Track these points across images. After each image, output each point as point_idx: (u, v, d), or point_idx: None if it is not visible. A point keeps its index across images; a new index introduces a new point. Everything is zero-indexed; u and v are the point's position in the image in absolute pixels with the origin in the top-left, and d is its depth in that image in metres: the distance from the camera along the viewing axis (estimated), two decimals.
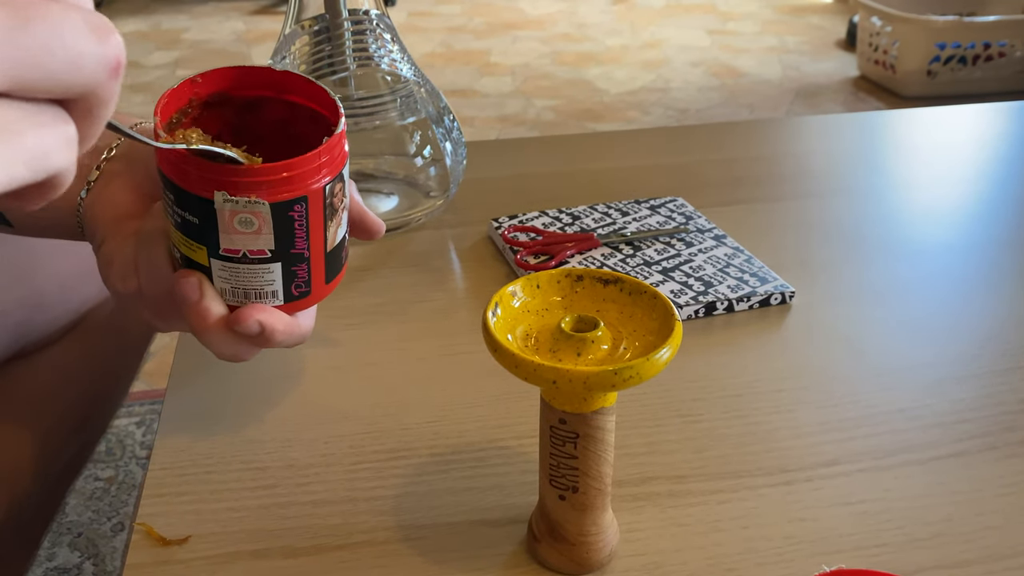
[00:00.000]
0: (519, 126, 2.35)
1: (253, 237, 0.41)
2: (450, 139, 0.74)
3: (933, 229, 0.77)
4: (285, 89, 0.45)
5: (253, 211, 0.40)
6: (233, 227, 0.41)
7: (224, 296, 0.44)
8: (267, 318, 0.44)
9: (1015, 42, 2.47)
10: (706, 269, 0.67)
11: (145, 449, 1.26)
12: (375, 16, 0.72)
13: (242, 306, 0.44)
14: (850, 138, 0.95)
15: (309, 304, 0.46)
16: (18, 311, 0.69)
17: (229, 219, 0.41)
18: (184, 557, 0.45)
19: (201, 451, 0.52)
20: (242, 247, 0.42)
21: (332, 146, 0.41)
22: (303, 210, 0.41)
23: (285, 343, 0.46)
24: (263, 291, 0.44)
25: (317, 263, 0.44)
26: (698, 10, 3.43)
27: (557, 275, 0.43)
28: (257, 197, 0.40)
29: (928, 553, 0.45)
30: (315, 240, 0.43)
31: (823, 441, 0.52)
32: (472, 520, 0.47)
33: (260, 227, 0.41)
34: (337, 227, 0.44)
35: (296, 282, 0.44)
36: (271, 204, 0.40)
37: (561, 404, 0.40)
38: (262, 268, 0.43)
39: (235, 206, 0.40)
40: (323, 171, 0.41)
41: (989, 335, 0.62)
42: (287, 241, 0.42)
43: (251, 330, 0.44)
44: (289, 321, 0.45)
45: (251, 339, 0.45)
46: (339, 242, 0.45)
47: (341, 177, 0.43)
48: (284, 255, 0.43)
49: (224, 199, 0.40)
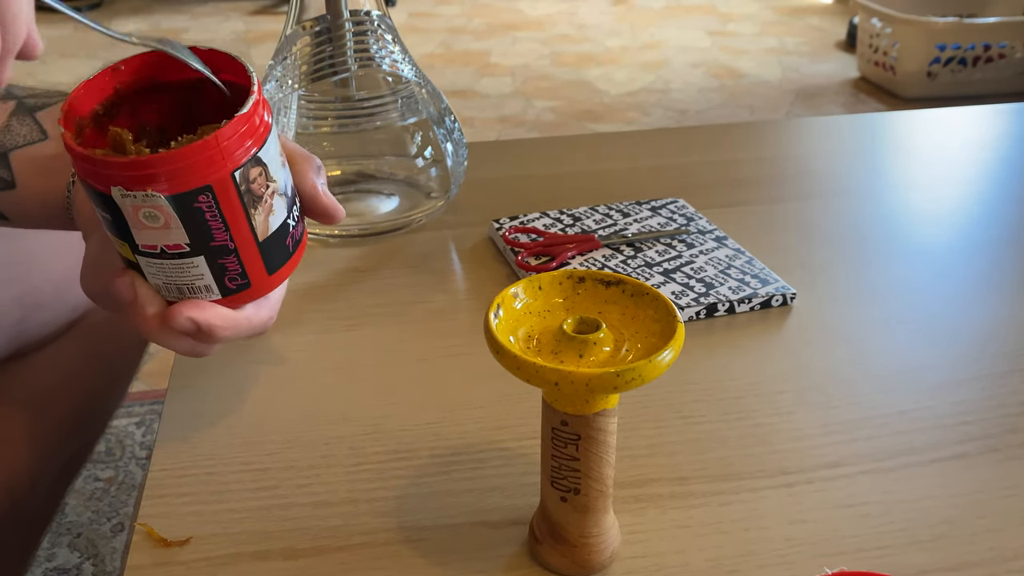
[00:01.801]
0: (519, 127, 2.35)
1: (164, 231, 0.39)
2: (451, 140, 0.74)
3: (934, 230, 0.77)
4: (216, 68, 0.42)
5: (153, 205, 0.38)
6: (141, 222, 0.39)
7: (160, 292, 0.43)
8: (200, 315, 0.42)
9: (1015, 44, 2.47)
10: (707, 271, 0.67)
11: (145, 449, 1.26)
12: (376, 17, 0.72)
13: (179, 302, 0.42)
14: (850, 139, 0.95)
15: (254, 296, 0.44)
16: (15, 310, 0.69)
17: (133, 214, 0.39)
18: (185, 558, 0.45)
19: (202, 452, 0.52)
20: (156, 242, 0.40)
21: (235, 127, 0.38)
22: (211, 200, 0.39)
23: (234, 338, 0.45)
24: (195, 286, 0.42)
25: (249, 254, 0.42)
26: (698, 11, 3.43)
27: (559, 277, 0.43)
28: (153, 191, 0.38)
29: (929, 555, 0.45)
30: (238, 230, 0.40)
31: (824, 443, 0.52)
32: (473, 521, 0.47)
33: (167, 221, 0.39)
34: (267, 215, 0.41)
35: (228, 275, 0.42)
36: (168, 197, 0.38)
37: (563, 406, 0.40)
38: (184, 263, 0.41)
39: (134, 201, 0.38)
40: (229, 156, 0.38)
41: (990, 337, 0.62)
42: (203, 234, 0.40)
43: (184, 327, 0.43)
44: (229, 315, 0.44)
45: (193, 336, 0.44)
46: (277, 230, 0.42)
47: (258, 161, 0.40)
48: (204, 248, 0.40)
49: (121, 194, 0.38)
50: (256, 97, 0.39)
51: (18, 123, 0.50)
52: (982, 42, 2.45)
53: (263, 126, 0.40)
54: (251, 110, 0.39)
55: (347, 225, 0.73)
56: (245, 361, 0.60)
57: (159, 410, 1.32)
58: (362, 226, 0.74)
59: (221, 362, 0.59)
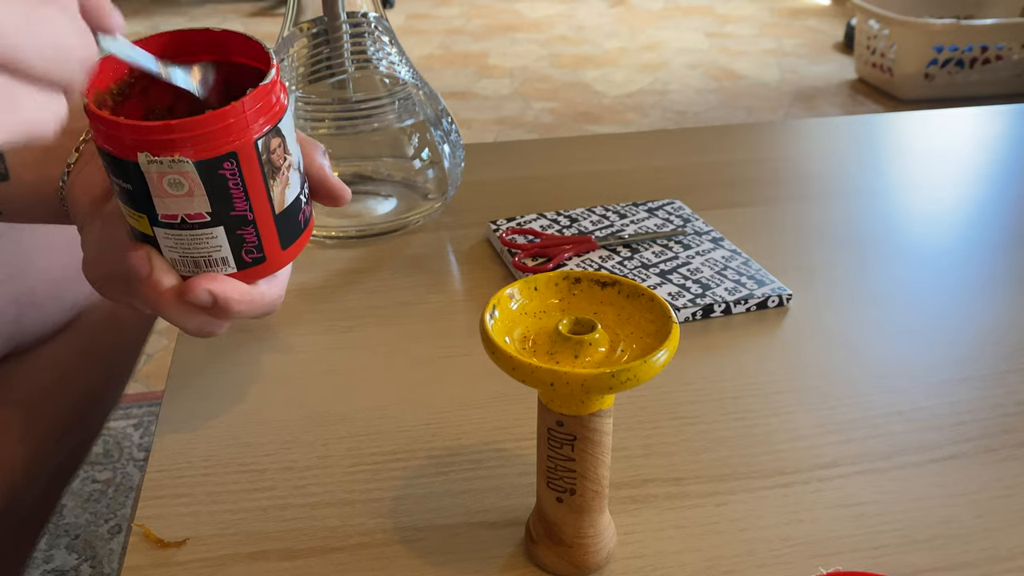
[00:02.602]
0: (517, 128, 2.36)
1: (187, 200, 0.40)
2: (448, 141, 0.74)
3: (930, 232, 0.77)
4: (227, 51, 0.44)
5: (180, 171, 0.39)
6: (164, 190, 0.39)
7: (176, 266, 0.42)
8: (218, 287, 0.42)
9: (1012, 45, 2.48)
10: (704, 272, 0.67)
11: (142, 451, 1.26)
12: (373, 19, 0.72)
13: (194, 276, 0.42)
14: (848, 141, 0.95)
15: (268, 271, 0.44)
16: (11, 309, 0.69)
17: (158, 182, 0.39)
18: (182, 559, 0.45)
19: (199, 453, 0.52)
20: (178, 211, 0.40)
21: (259, 97, 0.39)
22: (235, 167, 0.39)
23: (247, 314, 0.44)
24: (212, 258, 0.42)
25: (266, 226, 0.42)
26: (696, 13, 3.43)
27: (555, 277, 0.43)
28: (181, 155, 0.38)
29: (926, 555, 0.45)
30: (258, 201, 0.41)
31: (821, 443, 0.52)
32: (470, 522, 0.47)
33: (191, 188, 0.39)
34: (284, 187, 0.42)
35: (246, 247, 0.42)
36: (196, 163, 0.38)
37: (559, 406, 0.40)
38: (204, 233, 0.41)
39: (160, 167, 0.38)
40: (252, 124, 0.39)
41: (986, 337, 0.62)
42: (225, 203, 0.40)
43: (202, 300, 0.42)
44: (245, 290, 0.44)
45: (208, 311, 0.43)
46: (291, 204, 0.43)
47: (278, 132, 0.41)
48: (225, 218, 0.41)
49: (148, 160, 0.38)
50: (276, 70, 0.41)
51: None
52: (979, 44, 2.46)
53: (283, 96, 0.41)
54: (272, 81, 0.40)
55: (344, 226, 0.74)
56: (242, 362, 0.60)
57: (157, 411, 1.32)
58: (359, 227, 0.74)
59: (218, 363, 0.60)
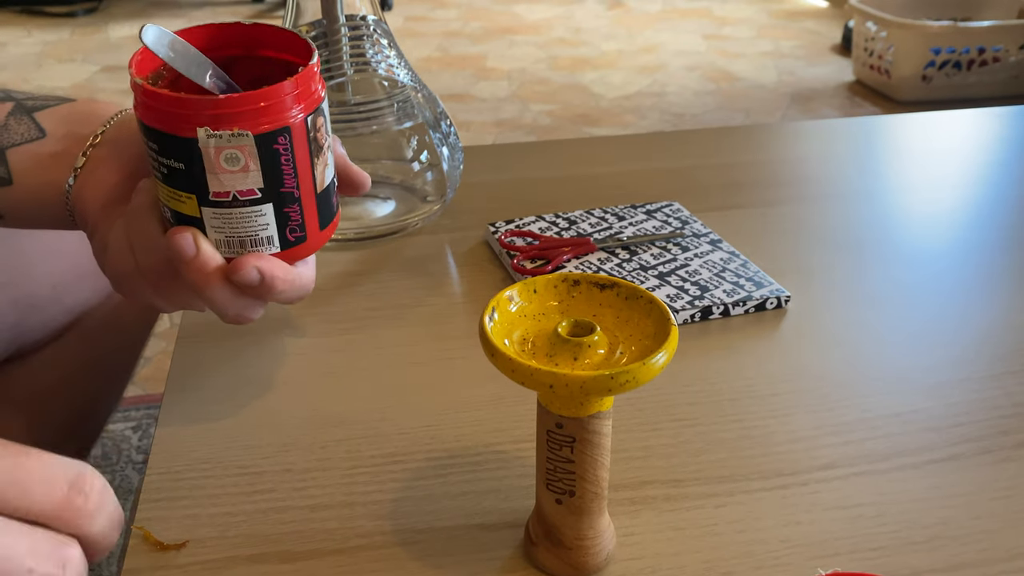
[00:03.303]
0: (515, 130, 2.36)
1: (241, 175, 0.41)
2: (447, 144, 0.74)
3: (928, 233, 0.77)
4: (257, 44, 0.45)
5: (238, 145, 0.40)
6: (220, 166, 0.40)
7: (219, 248, 0.43)
8: (266, 265, 0.43)
9: (1009, 47, 2.48)
10: (702, 274, 0.67)
11: (141, 454, 1.26)
12: (372, 21, 0.72)
13: (238, 256, 0.43)
14: (845, 143, 0.95)
15: (306, 252, 0.45)
16: (12, 312, 0.69)
17: (215, 157, 0.40)
18: (181, 562, 0.45)
19: (198, 456, 0.52)
20: (231, 187, 0.41)
21: (306, 77, 0.41)
22: (288, 143, 0.41)
23: (287, 294, 0.45)
24: (258, 237, 0.43)
25: (309, 204, 0.43)
26: (694, 15, 3.44)
27: (554, 280, 0.43)
28: (240, 129, 0.39)
29: (924, 556, 0.45)
30: (304, 178, 0.42)
31: (819, 445, 0.53)
32: (469, 524, 0.47)
33: (247, 163, 0.40)
34: (324, 167, 0.44)
35: (290, 225, 0.43)
36: (255, 136, 0.40)
37: (558, 408, 0.40)
38: (254, 211, 0.42)
39: (219, 141, 0.39)
40: (300, 102, 0.41)
41: (984, 339, 0.62)
42: (276, 178, 0.41)
43: (251, 278, 0.43)
44: (288, 269, 0.44)
45: (253, 291, 0.44)
46: (328, 184, 0.45)
47: (322, 112, 0.42)
48: (275, 194, 0.42)
49: (207, 135, 0.39)
50: (317, 54, 0.42)
51: (15, 122, 0.50)
52: (977, 46, 2.46)
53: (322, 85, 0.43)
54: (318, 61, 0.42)
55: (343, 229, 0.74)
56: (241, 365, 0.60)
57: (155, 415, 1.31)
58: (358, 230, 0.74)
59: (217, 366, 0.60)
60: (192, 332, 0.63)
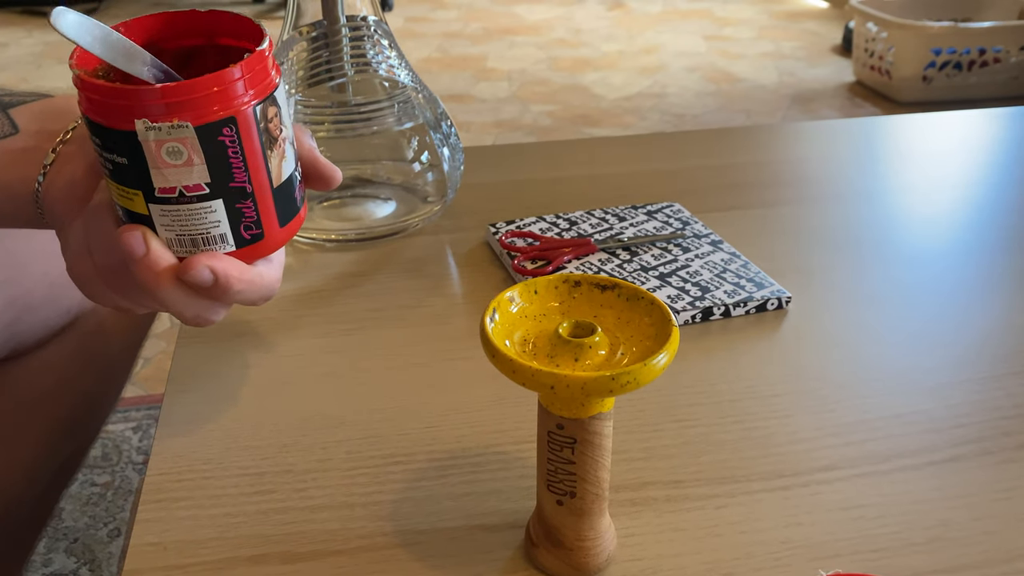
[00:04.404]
0: (515, 131, 2.36)
1: (186, 170, 0.39)
2: (447, 144, 0.74)
3: (929, 234, 0.77)
4: (215, 32, 0.43)
5: (179, 137, 0.38)
6: (162, 159, 0.39)
7: (172, 248, 0.41)
8: (219, 265, 0.41)
9: (1010, 48, 2.48)
10: (703, 274, 0.67)
11: (141, 454, 1.26)
12: (373, 22, 0.72)
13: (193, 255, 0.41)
14: (846, 144, 0.95)
15: (266, 251, 0.43)
16: (7, 313, 0.69)
17: (156, 151, 0.38)
18: (183, 563, 0.45)
19: (199, 456, 0.52)
20: (176, 183, 0.39)
21: (253, 64, 0.39)
22: (234, 134, 0.39)
23: (246, 294, 0.43)
24: (210, 235, 0.41)
25: (264, 200, 0.42)
26: (694, 16, 3.44)
27: (555, 281, 0.43)
28: (180, 120, 0.38)
29: (925, 558, 0.45)
30: (256, 172, 0.41)
31: (820, 446, 0.53)
32: (470, 525, 0.47)
33: (190, 156, 0.39)
34: (281, 160, 0.42)
35: (245, 222, 0.41)
36: (196, 127, 0.38)
37: (559, 409, 0.40)
38: (203, 207, 0.40)
39: (159, 134, 0.38)
40: (249, 91, 0.39)
41: (985, 340, 0.62)
42: (224, 172, 0.40)
43: (202, 278, 0.41)
44: (245, 269, 0.43)
45: (208, 292, 0.42)
46: (287, 179, 0.43)
47: (274, 101, 0.41)
48: (224, 190, 0.40)
49: (146, 127, 0.38)
50: (269, 39, 0.41)
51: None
52: (977, 46, 2.46)
53: (275, 72, 0.41)
54: (268, 47, 0.40)
55: (344, 230, 0.74)
56: (242, 366, 0.60)
57: (155, 415, 1.32)
58: (359, 231, 0.74)
59: (218, 367, 0.60)
60: (193, 333, 0.63)
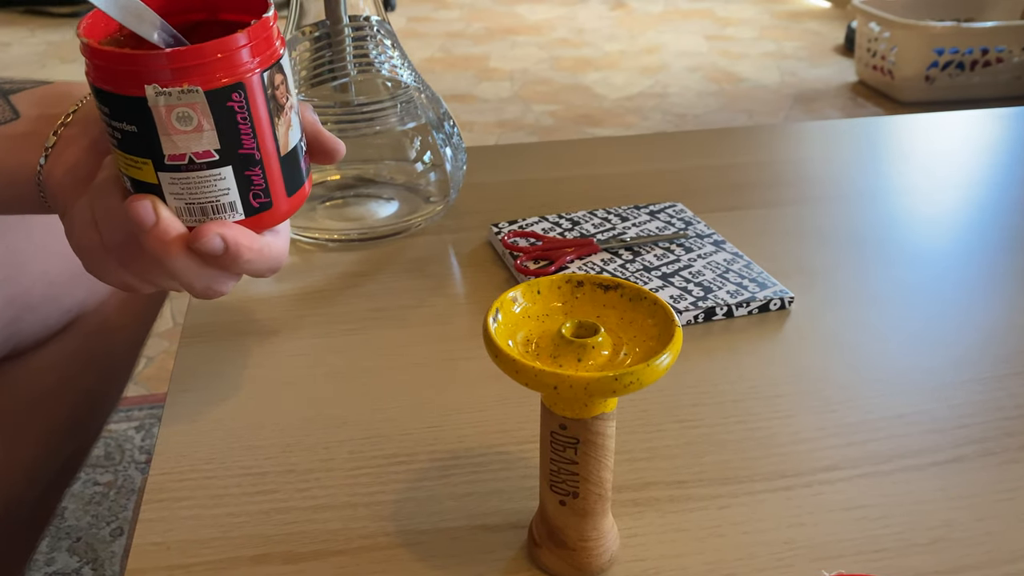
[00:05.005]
0: (518, 131, 2.36)
1: (196, 136, 0.39)
2: (450, 144, 0.74)
3: (932, 234, 0.77)
4: (218, 7, 0.44)
5: (189, 102, 0.38)
6: (172, 126, 0.39)
7: (180, 216, 0.42)
8: (229, 232, 0.41)
9: (1013, 48, 2.48)
10: (705, 275, 0.67)
11: (144, 454, 1.26)
12: (375, 22, 0.72)
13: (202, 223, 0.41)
14: (848, 144, 0.95)
15: (273, 220, 0.44)
16: (7, 311, 0.69)
17: (166, 117, 0.39)
18: (185, 562, 0.45)
19: (201, 456, 0.52)
20: (186, 149, 0.40)
21: (259, 31, 0.40)
22: (243, 100, 0.40)
23: (255, 264, 0.43)
24: (219, 203, 0.41)
25: (272, 168, 0.42)
26: (696, 15, 3.44)
27: (558, 281, 0.43)
28: (190, 85, 0.38)
29: (927, 558, 0.45)
30: (264, 139, 0.41)
31: (822, 446, 0.53)
32: (472, 525, 0.47)
33: (200, 122, 0.39)
34: (288, 128, 0.42)
35: (254, 190, 0.42)
36: (207, 92, 0.38)
37: (562, 409, 0.40)
38: (213, 175, 0.41)
39: (169, 99, 0.38)
40: (256, 57, 0.40)
41: (987, 340, 0.62)
42: (233, 139, 0.40)
43: (213, 246, 0.41)
44: (255, 237, 0.43)
45: (218, 261, 0.42)
46: (294, 148, 0.43)
47: (280, 68, 0.41)
48: (233, 156, 0.40)
49: (156, 92, 0.38)
50: (273, 9, 0.41)
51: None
52: (980, 46, 2.46)
53: (280, 42, 0.41)
54: (274, 15, 0.41)
55: (346, 229, 0.74)
56: (244, 365, 0.60)
57: (158, 414, 1.32)
58: (361, 230, 0.74)
59: (220, 366, 0.60)
60: (195, 332, 0.63)
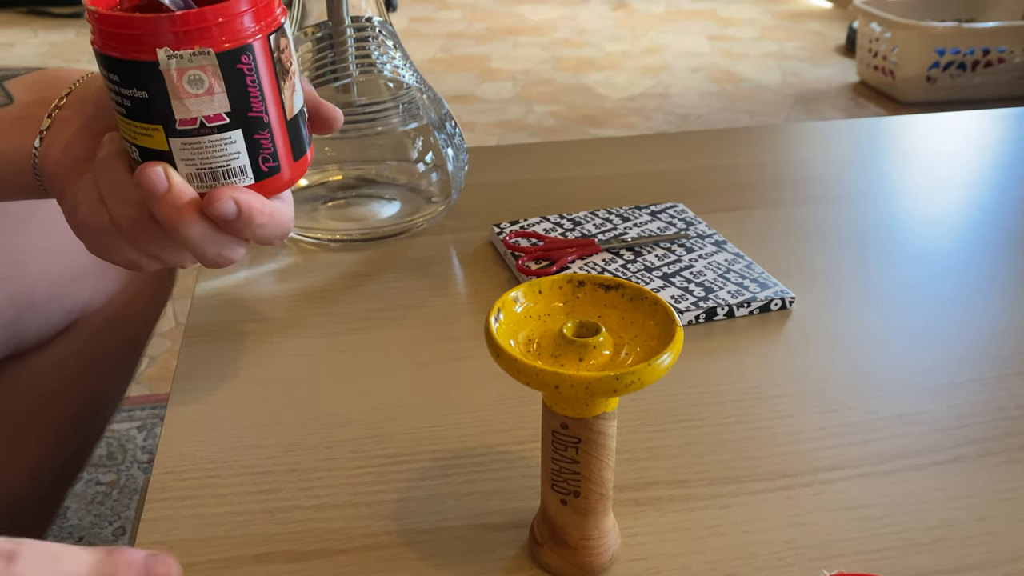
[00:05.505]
0: (519, 131, 2.36)
1: (207, 99, 0.40)
2: (452, 145, 0.74)
3: (932, 235, 0.77)
4: None
5: (201, 65, 0.39)
6: (184, 89, 0.39)
7: (191, 183, 0.42)
8: (242, 196, 0.42)
9: (1014, 48, 2.48)
10: (707, 275, 0.67)
11: (146, 453, 1.26)
12: (377, 23, 0.72)
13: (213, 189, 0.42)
14: (850, 144, 0.95)
15: (281, 185, 0.44)
16: (8, 310, 0.69)
17: (178, 80, 0.39)
18: (187, 561, 0.45)
19: (204, 455, 0.52)
20: (198, 113, 0.40)
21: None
22: (252, 63, 0.40)
23: (266, 229, 0.44)
24: (230, 168, 0.42)
25: (280, 131, 0.43)
26: (698, 16, 3.44)
27: (559, 281, 0.43)
28: (202, 47, 0.39)
29: (928, 558, 0.45)
30: (272, 102, 0.42)
31: (823, 446, 0.53)
32: (474, 524, 0.47)
33: (211, 84, 0.40)
34: (292, 92, 0.43)
35: (263, 154, 0.42)
36: (218, 54, 0.39)
37: (563, 409, 0.40)
38: (223, 139, 0.41)
39: (181, 62, 0.39)
40: (262, 20, 0.40)
41: (988, 340, 0.62)
42: (243, 101, 0.41)
43: (227, 209, 0.41)
44: (266, 202, 0.43)
45: (230, 226, 0.43)
46: (298, 112, 0.44)
47: (284, 32, 0.42)
48: (243, 119, 0.41)
49: (168, 55, 0.38)
50: None
51: None
52: (981, 47, 2.46)
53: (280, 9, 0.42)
54: None
55: (348, 230, 0.74)
56: (247, 365, 0.60)
57: (161, 414, 1.32)
58: (363, 231, 0.74)
59: (223, 366, 0.60)
60: (198, 332, 0.63)
